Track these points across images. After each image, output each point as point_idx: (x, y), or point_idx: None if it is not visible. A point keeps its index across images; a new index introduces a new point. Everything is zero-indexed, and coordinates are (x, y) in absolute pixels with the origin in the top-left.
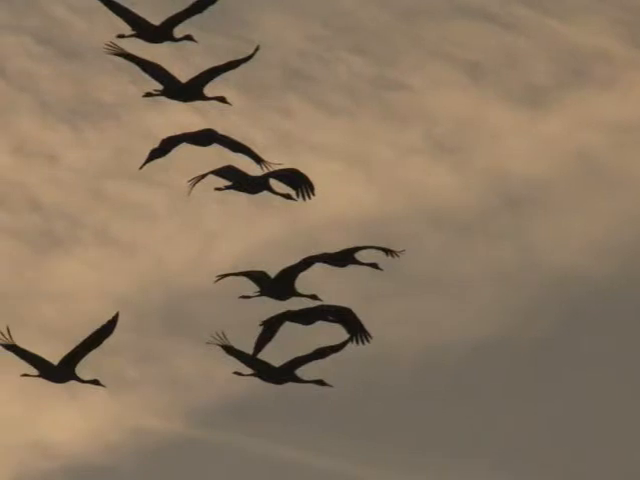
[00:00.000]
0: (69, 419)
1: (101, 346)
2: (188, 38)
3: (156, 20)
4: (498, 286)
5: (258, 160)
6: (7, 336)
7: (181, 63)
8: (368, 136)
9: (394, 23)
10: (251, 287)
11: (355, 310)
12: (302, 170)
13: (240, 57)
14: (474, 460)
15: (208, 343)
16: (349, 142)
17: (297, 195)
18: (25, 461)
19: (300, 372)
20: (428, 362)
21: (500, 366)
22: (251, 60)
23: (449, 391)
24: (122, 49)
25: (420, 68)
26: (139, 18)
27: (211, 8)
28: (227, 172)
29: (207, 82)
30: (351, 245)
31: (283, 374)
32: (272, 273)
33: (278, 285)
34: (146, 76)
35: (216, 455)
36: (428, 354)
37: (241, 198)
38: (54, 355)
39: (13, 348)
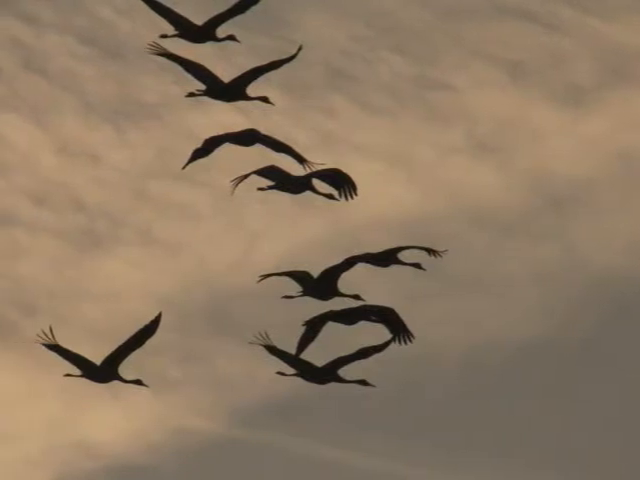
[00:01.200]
0: (112, 419)
1: (144, 346)
2: (231, 38)
3: (199, 20)
4: (541, 286)
5: (301, 160)
6: (50, 336)
7: (224, 63)
8: (410, 136)
9: (436, 23)
10: (294, 287)
11: (398, 310)
12: (344, 170)
13: (283, 57)
14: (517, 460)
15: (251, 343)
16: (391, 142)
17: (340, 195)
18: (68, 461)
19: (343, 372)
20: (471, 362)
21: (543, 366)
22: (294, 60)
23: (492, 391)
24: (165, 49)
25: (462, 68)
26: (182, 18)
27: (254, 8)
28: (270, 172)
29: (250, 82)
30: (393, 245)
31: (326, 374)
32: (315, 273)
33: (321, 285)
34: (189, 76)
35: (259, 455)
36: (471, 354)
37: (284, 198)
38: (97, 355)
39: (56, 348)
